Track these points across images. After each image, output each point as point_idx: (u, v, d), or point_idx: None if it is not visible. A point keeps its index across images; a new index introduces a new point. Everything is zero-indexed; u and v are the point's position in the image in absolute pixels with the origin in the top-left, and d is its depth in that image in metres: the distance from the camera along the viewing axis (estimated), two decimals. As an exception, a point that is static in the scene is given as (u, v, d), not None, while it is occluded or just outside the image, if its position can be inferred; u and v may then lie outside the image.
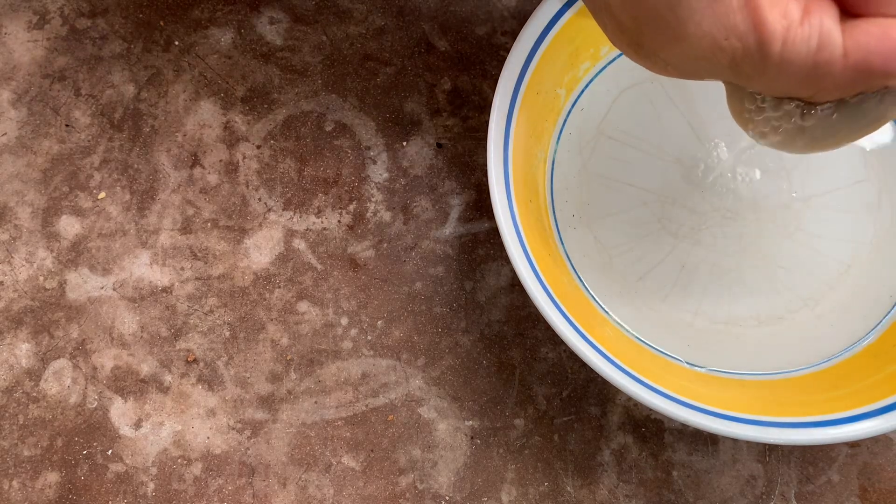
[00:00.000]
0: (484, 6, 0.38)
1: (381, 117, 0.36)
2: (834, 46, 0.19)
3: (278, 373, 0.33)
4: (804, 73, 0.19)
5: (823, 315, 0.31)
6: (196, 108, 0.36)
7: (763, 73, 0.19)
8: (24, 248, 0.34)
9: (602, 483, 0.31)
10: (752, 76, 0.20)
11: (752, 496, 0.31)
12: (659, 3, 0.19)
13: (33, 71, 0.36)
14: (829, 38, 0.19)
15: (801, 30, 0.18)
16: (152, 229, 0.34)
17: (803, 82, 0.20)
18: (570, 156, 0.33)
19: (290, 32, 0.37)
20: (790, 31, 0.18)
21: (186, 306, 0.33)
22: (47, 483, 0.31)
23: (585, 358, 0.26)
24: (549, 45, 0.31)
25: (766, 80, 0.20)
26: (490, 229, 0.35)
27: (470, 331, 0.33)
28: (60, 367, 0.33)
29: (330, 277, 0.34)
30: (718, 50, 0.19)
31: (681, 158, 0.33)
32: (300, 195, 0.35)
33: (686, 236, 0.32)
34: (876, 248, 0.32)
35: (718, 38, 0.19)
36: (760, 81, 0.20)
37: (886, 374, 0.28)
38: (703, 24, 0.19)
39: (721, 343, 0.31)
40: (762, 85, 0.20)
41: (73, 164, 0.35)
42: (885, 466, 0.32)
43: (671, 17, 0.19)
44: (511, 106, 0.30)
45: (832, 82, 0.19)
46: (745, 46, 0.19)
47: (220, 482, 0.31)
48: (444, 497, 0.31)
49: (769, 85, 0.20)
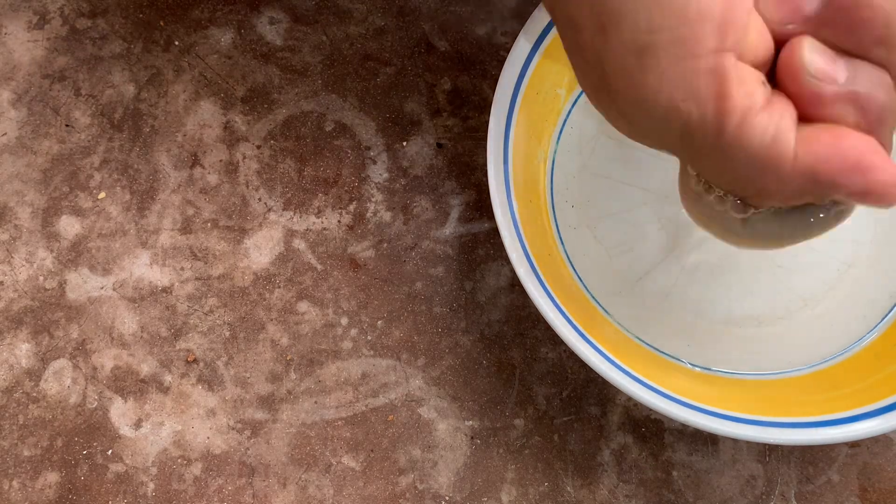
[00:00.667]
0: (484, 6, 0.38)
1: (381, 117, 0.36)
2: (786, 145, 0.18)
3: (278, 373, 0.33)
4: (752, 163, 0.18)
5: (823, 315, 0.31)
6: (196, 108, 0.36)
7: (712, 150, 0.19)
8: (24, 248, 0.34)
9: (602, 483, 0.31)
10: (699, 152, 0.19)
11: (752, 496, 0.31)
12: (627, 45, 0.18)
13: (33, 71, 0.36)
14: (785, 136, 0.18)
15: (760, 116, 0.18)
16: (152, 229, 0.34)
17: (748, 175, 0.19)
18: (570, 156, 0.33)
19: (290, 32, 0.37)
20: (750, 113, 0.18)
21: (186, 306, 0.33)
22: (47, 483, 0.31)
23: (585, 358, 0.26)
24: (549, 45, 0.31)
25: (711, 161, 0.19)
26: (490, 229, 0.35)
27: (470, 331, 0.33)
28: (60, 367, 0.33)
29: (330, 277, 0.34)
30: (674, 110, 0.18)
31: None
32: (300, 195, 0.35)
33: (686, 236, 0.32)
34: (876, 248, 0.32)
35: (676, 98, 0.18)
36: (706, 161, 0.19)
37: (886, 374, 0.28)
38: (664, 78, 0.18)
39: (721, 343, 0.31)
40: (707, 166, 0.20)
41: (73, 164, 0.35)
42: (885, 466, 0.32)
43: (635, 64, 0.18)
44: (511, 106, 0.30)
45: (777, 185, 0.19)
46: (700, 114, 0.18)
47: (220, 482, 0.31)
48: (444, 497, 0.31)
49: (713, 168, 0.19)
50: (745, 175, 0.19)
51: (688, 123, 0.18)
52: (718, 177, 0.20)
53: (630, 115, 0.20)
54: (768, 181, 0.19)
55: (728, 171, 0.19)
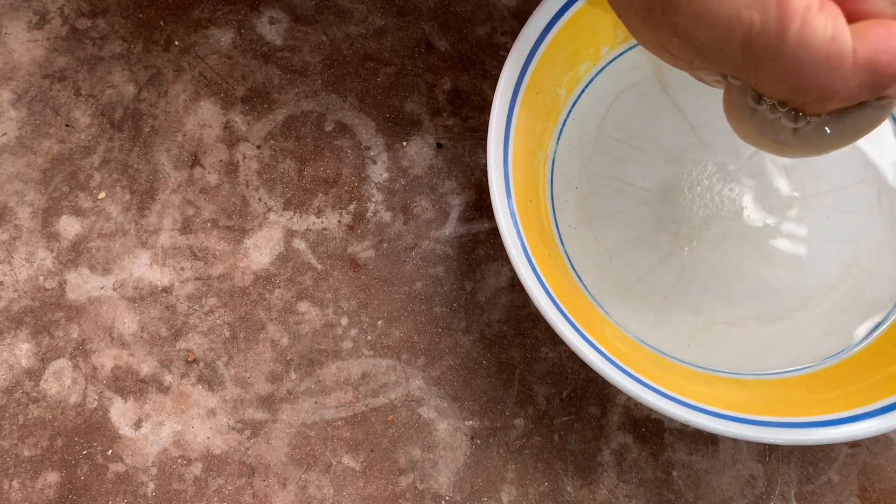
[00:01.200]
0: (484, 6, 0.38)
1: (381, 117, 0.36)
2: (845, 41, 0.19)
3: (278, 373, 0.33)
4: (814, 64, 0.19)
5: (823, 315, 0.31)
6: (196, 108, 0.36)
7: (774, 57, 0.19)
8: (24, 248, 0.34)
9: (602, 483, 0.31)
10: (760, 60, 0.20)
11: (752, 496, 0.31)
12: None
13: (33, 71, 0.36)
14: (842, 33, 0.19)
15: (819, 15, 0.18)
16: (152, 229, 0.34)
17: (809, 78, 0.19)
18: (570, 156, 0.33)
19: (290, 32, 0.37)
20: (809, 13, 0.18)
21: (186, 306, 0.33)
22: (47, 483, 0.31)
23: (585, 358, 0.26)
24: (549, 45, 0.31)
25: (772, 68, 0.20)
26: (490, 229, 0.35)
27: (470, 331, 0.33)
28: (60, 367, 0.33)
29: (330, 277, 0.34)
30: (737, 20, 0.19)
31: (681, 158, 0.33)
32: (300, 195, 0.35)
33: (686, 236, 0.32)
34: (876, 248, 0.32)
35: (740, 6, 0.19)
36: (766, 71, 0.20)
37: (886, 374, 0.28)
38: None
39: (721, 343, 0.31)
40: (766, 76, 0.20)
41: (73, 164, 0.35)
42: (885, 466, 0.32)
43: None
44: (511, 106, 0.30)
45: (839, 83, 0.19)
46: (763, 20, 0.19)
47: (220, 482, 0.31)
48: (444, 497, 0.31)
49: (773, 76, 0.20)
50: (806, 78, 0.19)
51: (750, 31, 0.19)
52: (777, 85, 0.20)
53: (687, 31, 0.20)
54: (831, 80, 0.19)
55: (789, 77, 0.20)
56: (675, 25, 0.20)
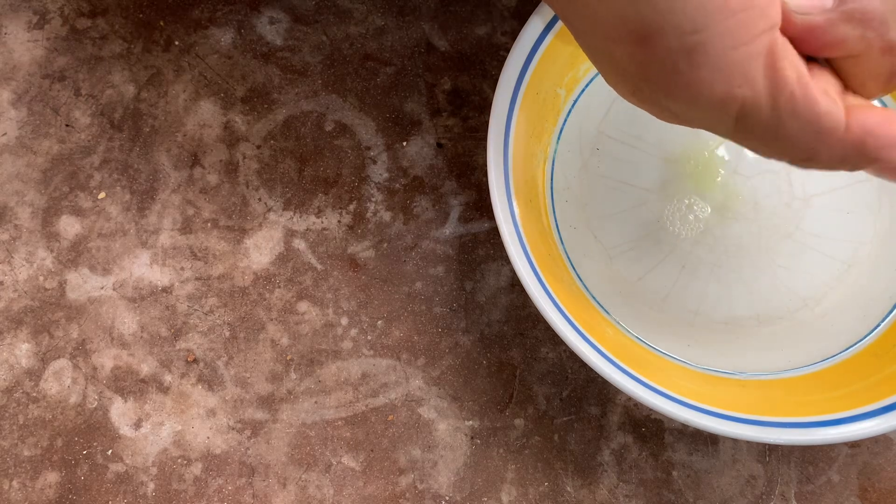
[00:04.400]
0: (484, 6, 0.38)
1: (381, 117, 0.36)
2: (838, 114, 0.19)
3: (278, 373, 0.33)
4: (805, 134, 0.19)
5: (823, 315, 0.31)
6: (196, 108, 0.36)
7: (766, 126, 0.19)
8: (24, 248, 0.34)
9: (602, 483, 0.31)
10: (753, 130, 0.20)
11: (752, 496, 0.31)
12: (674, 50, 0.18)
13: (33, 71, 0.36)
14: (834, 105, 0.19)
15: (811, 85, 0.18)
16: (152, 229, 0.34)
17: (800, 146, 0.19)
18: (570, 156, 0.33)
19: (290, 32, 0.37)
20: (801, 83, 0.18)
21: (186, 306, 0.33)
22: (47, 483, 0.31)
23: (585, 358, 0.26)
24: (549, 45, 0.31)
25: (763, 135, 0.20)
26: (490, 229, 0.35)
27: (470, 331, 0.33)
28: (60, 367, 0.33)
29: (330, 277, 0.34)
30: (730, 98, 0.19)
31: (681, 158, 0.33)
32: (300, 195, 0.35)
33: (686, 236, 0.32)
34: (876, 248, 0.32)
35: (733, 85, 0.18)
36: (757, 137, 0.20)
37: (886, 374, 0.28)
38: (717, 70, 0.18)
39: (721, 343, 0.31)
40: (757, 142, 0.20)
41: (73, 164, 0.35)
42: (885, 466, 0.32)
43: (685, 63, 0.18)
44: (511, 106, 0.30)
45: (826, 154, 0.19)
46: (755, 95, 0.19)
47: (220, 482, 0.31)
48: (444, 497, 0.31)
49: (763, 142, 0.20)
50: (795, 144, 0.19)
51: (744, 106, 0.19)
52: (766, 147, 0.20)
53: (679, 109, 0.20)
54: (819, 149, 0.19)
55: (778, 142, 0.20)
56: (666, 106, 0.20)
